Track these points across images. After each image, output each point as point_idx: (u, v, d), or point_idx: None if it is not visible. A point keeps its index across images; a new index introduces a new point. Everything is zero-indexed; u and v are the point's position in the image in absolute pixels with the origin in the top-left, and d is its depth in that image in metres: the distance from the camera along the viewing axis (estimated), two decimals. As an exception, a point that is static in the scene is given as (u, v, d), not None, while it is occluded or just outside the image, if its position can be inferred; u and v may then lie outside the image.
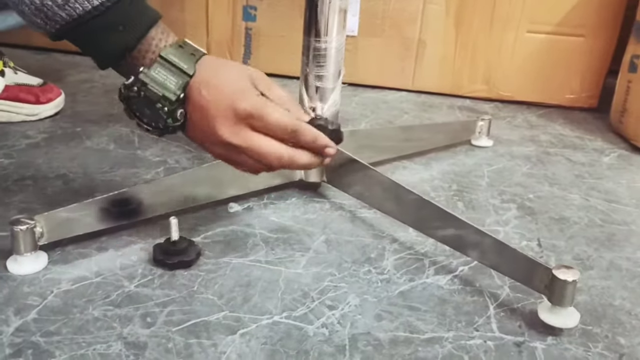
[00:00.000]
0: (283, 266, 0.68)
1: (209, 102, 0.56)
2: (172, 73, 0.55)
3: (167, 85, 0.55)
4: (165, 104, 0.56)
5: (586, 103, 1.31)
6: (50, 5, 0.53)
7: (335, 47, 0.78)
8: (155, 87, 0.55)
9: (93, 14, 0.53)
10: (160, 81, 0.55)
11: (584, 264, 0.73)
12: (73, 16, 0.53)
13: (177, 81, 0.55)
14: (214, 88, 0.56)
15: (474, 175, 0.96)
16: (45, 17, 0.54)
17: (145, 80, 0.55)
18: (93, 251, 0.68)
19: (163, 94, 0.55)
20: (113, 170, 0.88)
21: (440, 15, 1.29)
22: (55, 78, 1.23)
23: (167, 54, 0.56)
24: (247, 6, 1.37)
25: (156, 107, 0.56)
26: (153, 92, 0.55)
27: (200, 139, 0.59)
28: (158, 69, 0.55)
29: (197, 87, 0.56)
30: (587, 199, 0.90)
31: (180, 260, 0.66)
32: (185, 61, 0.56)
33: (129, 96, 0.57)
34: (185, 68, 0.56)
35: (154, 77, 0.55)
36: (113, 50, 0.56)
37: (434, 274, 0.69)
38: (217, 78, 0.57)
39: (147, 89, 0.55)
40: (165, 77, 0.55)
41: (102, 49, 0.56)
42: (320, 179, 0.86)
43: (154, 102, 0.56)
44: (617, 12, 1.23)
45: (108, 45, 0.55)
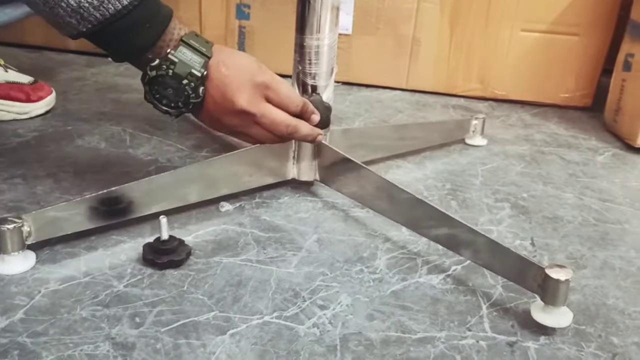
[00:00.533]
0: (274, 266, 0.67)
1: (230, 77, 0.63)
2: (195, 54, 0.62)
3: (193, 64, 0.62)
4: (191, 80, 0.61)
5: (581, 102, 1.31)
6: (87, 7, 0.57)
7: (327, 45, 0.77)
8: (183, 65, 0.61)
9: (122, 13, 0.58)
10: (186, 60, 0.61)
11: (578, 263, 0.72)
12: (106, 16, 0.58)
13: (199, 61, 0.62)
14: (232, 65, 0.63)
15: (467, 174, 0.95)
16: (81, 18, 0.58)
17: (173, 59, 0.61)
18: (82, 250, 0.67)
19: (190, 71, 0.61)
20: (104, 169, 0.87)
21: (435, 14, 1.28)
22: (47, 76, 1.22)
23: (188, 39, 0.62)
24: (240, 4, 1.36)
25: (182, 84, 0.61)
26: (182, 69, 0.61)
27: (217, 113, 0.65)
28: (183, 50, 0.61)
29: (216, 66, 0.63)
30: (581, 198, 0.90)
31: (170, 259, 0.65)
32: (203, 45, 0.63)
33: (156, 76, 0.61)
34: (204, 51, 0.62)
35: (180, 57, 0.61)
36: (140, 46, 0.61)
37: (426, 274, 0.68)
38: (233, 58, 0.64)
39: (176, 67, 0.61)
40: (190, 57, 0.61)
41: (127, 46, 0.61)
42: (313, 178, 0.85)
43: (181, 79, 0.61)
44: (612, 11, 1.22)
45: (134, 41, 0.60)
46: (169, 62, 0.61)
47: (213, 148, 0.97)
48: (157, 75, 0.61)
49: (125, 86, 1.23)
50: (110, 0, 0.57)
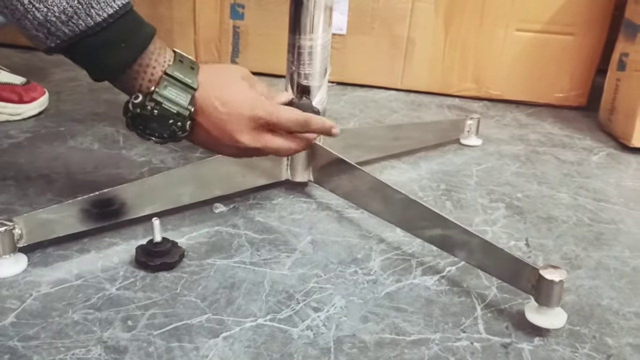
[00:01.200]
0: (268, 267, 0.67)
1: (228, 115, 0.60)
2: (181, 89, 0.58)
3: (179, 102, 0.58)
4: (178, 120, 0.58)
5: (575, 102, 1.31)
6: (54, 21, 0.53)
7: (321, 45, 0.77)
8: (169, 105, 0.58)
9: (95, 30, 0.54)
10: (173, 99, 0.58)
11: (572, 263, 0.72)
12: (75, 32, 0.54)
13: (186, 97, 0.58)
14: (229, 102, 0.60)
15: (462, 174, 0.95)
16: (48, 32, 0.54)
17: (159, 100, 0.57)
18: (74, 253, 0.67)
19: (177, 111, 0.58)
20: (97, 171, 0.87)
21: (430, 14, 1.28)
22: (40, 76, 1.22)
23: (173, 71, 0.58)
24: (234, 4, 1.36)
25: (169, 123, 0.59)
26: (167, 110, 0.58)
27: (213, 144, 0.63)
28: (168, 88, 0.58)
29: (209, 101, 0.59)
30: (576, 198, 0.90)
31: (163, 262, 0.64)
32: (188, 75, 0.59)
33: (139, 114, 0.58)
34: (190, 83, 0.59)
35: (166, 95, 0.58)
36: (113, 66, 0.57)
37: (421, 275, 0.68)
38: (227, 91, 0.61)
39: (161, 108, 0.58)
40: (176, 95, 0.58)
41: (101, 65, 0.57)
42: (307, 179, 0.85)
43: (167, 119, 0.58)
44: (606, 11, 1.22)
45: (109, 61, 0.56)
46: (153, 102, 0.57)
47: (207, 149, 0.96)
48: (140, 113, 0.58)
49: (119, 87, 1.23)
50: (81, 16, 0.53)
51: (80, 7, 0.53)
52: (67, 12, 0.53)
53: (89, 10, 0.53)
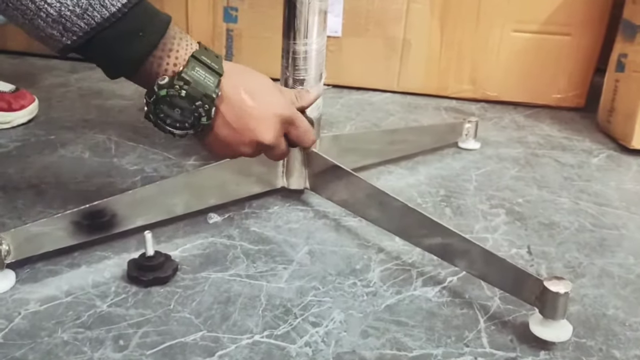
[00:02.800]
0: (264, 280, 0.65)
1: (256, 109, 0.59)
2: (207, 72, 0.56)
3: (207, 84, 0.56)
4: (206, 102, 0.56)
5: (573, 102, 1.29)
6: (69, 16, 0.50)
7: (315, 50, 0.75)
8: (198, 85, 0.55)
9: (111, 21, 0.51)
10: (201, 80, 0.55)
11: (576, 271, 0.71)
12: (92, 25, 0.51)
13: (213, 80, 0.56)
14: (258, 95, 0.59)
15: (461, 179, 0.93)
16: (63, 29, 0.51)
17: (188, 79, 0.55)
18: (64, 268, 0.65)
19: (205, 92, 0.55)
20: (88, 180, 0.84)
21: (425, 15, 1.26)
22: (29, 82, 1.19)
23: (199, 54, 0.56)
24: (227, 7, 1.34)
25: (195, 106, 0.56)
26: (197, 90, 0.55)
27: (231, 139, 0.59)
28: (197, 68, 0.55)
29: (234, 89, 0.58)
30: (577, 202, 0.88)
31: (156, 276, 0.62)
32: (215, 61, 0.57)
33: (166, 95, 0.55)
34: (217, 68, 0.57)
35: (194, 76, 0.55)
36: (133, 56, 0.54)
37: (421, 286, 0.66)
38: (254, 83, 0.60)
39: (190, 87, 0.55)
40: (204, 76, 0.56)
41: (121, 58, 0.54)
42: (303, 186, 0.83)
43: (194, 100, 0.55)
44: (604, 10, 1.21)
45: (128, 52, 0.53)
46: (182, 81, 0.54)
47: (201, 155, 0.94)
48: (167, 94, 0.55)
49: (110, 92, 1.20)
50: (95, 7, 0.50)
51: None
52: (81, 4, 0.50)
53: (103, 1, 0.51)
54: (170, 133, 0.57)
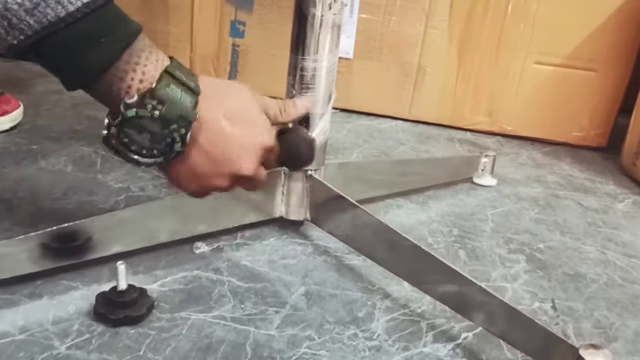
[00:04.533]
0: (252, 325, 0.57)
1: (236, 135, 0.52)
2: (184, 90, 0.48)
3: (184, 104, 0.48)
4: (182, 125, 0.48)
5: (595, 142, 1.22)
6: (16, 10, 0.42)
7: (326, 67, 0.67)
8: (174, 106, 0.47)
9: (67, 21, 0.43)
10: (177, 99, 0.47)
11: (607, 333, 0.62)
12: (43, 23, 0.43)
13: (190, 99, 0.48)
14: (240, 119, 0.52)
15: (477, 218, 0.85)
16: (9, 26, 0.43)
17: (162, 98, 0.47)
18: (22, 298, 0.57)
19: (181, 114, 0.48)
20: (66, 197, 0.76)
21: (443, 41, 1.19)
22: (19, 88, 1.12)
23: (173, 69, 0.48)
24: (235, 21, 1.27)
25: (170, 129, 0.48)
26: (172, 111, 0.47)
27: (205, 169, 0.52)
28: (172, 86, 0.47)
29: (214, 112, 0.50)
30: (604, 252, 0.80)
31: (127, 315, 0.54)
32: (191, 79, 0.49)
33: (135, 117, 0.47)
34: (193, 86, 0.49)
35: (170, 94, 0.47)
36: (92, 65, 0.46)
37: (432, 342, 0.57)
38: (236, 104, 0.53)
39: (165, 107, 0.47)
40: (180, 95, 0.48)
41: (77, 65, 0.46)
42: (304, 217, 0.75)
43: (169, 123, 0.47)
44: (632, 47, 1.14)
45: (86, 59, 0.45)
46: (155, 99, 0.46)
47: (194, 176, 0.86)
48: (136, 115, 0.46)
49: (105, 103, 1.13)
50: (49, 3, 0.42)
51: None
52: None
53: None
54: (135, 162, 0.49)
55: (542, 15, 1.15)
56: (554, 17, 1.15)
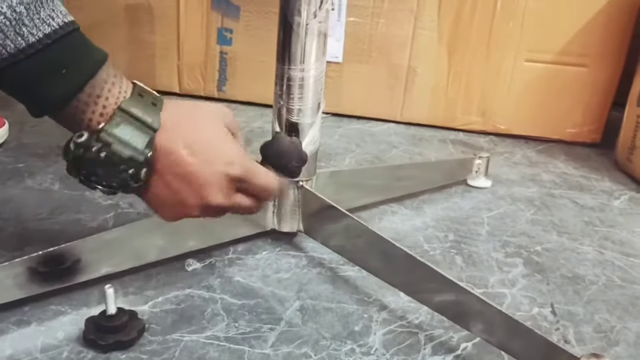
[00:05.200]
0: (247, 344, 0.55)
1: (195, 168, 0.49)
2: (137, 129, 0.47)
3: (134, 145, 0.46)
4: (131, 166, 0.47)
5: (589, 138, 1.21)
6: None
7: (313, 76, 0.66)
8: (121, 148, 0.46)
9: (28, 53, 0.43)
10: (126, 140, 0.46)
11: (608, 337, 0.61)
12: (2, 55, 0.42)
13: (144, 139, 0.47)
14: (200, 150, 0.49)
15: (472, 222, 0.84)
16: None
17: (108, 140, 0.46)
18: (10, 326, 0.55)
19: (130, 156, 0.46)
20: (53, 217, 0.75)
21: (432, 42, 1.18)
22: (4, 104, 1.10)
23: (129, 106, 0.47)
24: (222, 28, 1.26)
25: (119, 170, 0.47)
26: (118, 154, 0.46)
27: (170, 201, 0.50)
28: (122, 126, 0.46)
29: (173, 146, 0.48)
30: (602, 251, 0.79)
31: (117, 340, 0.53)
32: (149, 113, 0.47)
33: (82, 157, 0.46)
34: (149, 122, 0.47)
35: (117, 135, 0.46)
36: (52, 97, 0.45)
37: (431, 354, 0.56)
38: (196, 135, 0.49)
39: (110, 151, 0.46)
40: (130, 135, 0.46)
41: (38, 97, 0.45)
42: (296, 229, 0.74)
43: (116, 165, 0.46)
44: (623, 40, 1.13)
45: (46, 91, 0.45)
46: (100, 142, 0.45)
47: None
48: (83, 156, 0.46)
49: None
50: (9, 35, 0.42)
51: (7, 24, 0.42)
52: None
53: (20, 29, 0.42)
54: (100, 191, 0.49)
55: (531, 12, 1.14)
56: (544, 14, 1.14)
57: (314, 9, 0.64)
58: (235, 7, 1.23)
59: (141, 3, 1.26)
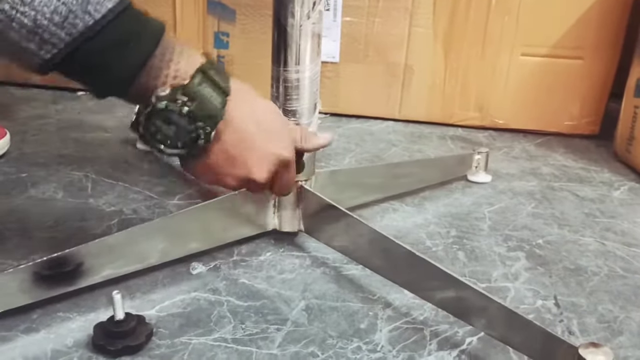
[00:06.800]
0: (254, 345, 0.56)
1: (257, 141, 0.53)
2: (215, 90, 0.50)
3: (213, 104, 0.49)
4: (208, 124, 0.49)
5: (587, 129, 1.21)
6: (47, 25, 0.43)
7: (309, 78, 0.67)
8: (203, 104, 0.49)
9: (95, 30, 0.44)
10: (207, 98, 0.49)
11: (612, 327, 0.62)
12: (74, 35, 0.44)
13: (220, 100, 0.50)
14: (265, 126, 0.53)
15: (473, 217, 0.85)
16: (41, 41, 0.43)
17: (193, 95, 0.48)
18: (19, 334, 0.56)
19: (209, 113, 0.49)
20: (57, 225, 0.75)
21: (428, 39, 1.19)
22: (5, 114, 1.11)
23: (207, 68, 0.49)
24: (218, 32, 1.26)
25: (196, 126, 0.49)
26: (201, 109, 0.49)
27: (222, 168, 0.53)
28: (203, 84, 0.49)
29: (241, 114, 0.52)
30: (603, 242, 0.79)
31: (126, 345, 0.53)
32: (223, 78, 0.51)
33: (165, 109, 0.48)
34: (224, 87, 0.50)
35: (201, 92, 0.49)
36: (125, 70, 0.47)
37: (436, 349, 0.57)
38: (263, 110, 0.54)
39: (194, 105, 0.48)
40: (210, 95, 0.49)
41: (110, 72, 0.47)
42: (297, 228, 0.74)
43: (196, 120, 0.49)
44: (618, 31, 1.14)
45: (119, 65, 0.46)
46: (187, 96, 0.48)
47: (187, 194, 0.85)
48: (166, 108, 0.48)
49: (91, 124, 1.12)
50: (77, 14, 0.43)
51: (74, 3, 0.43)
52: (59, 11, 0.43)
53: (86, 7, 0.43)
54: (158, 150, 0.50)
55: (526, 6, 1.14)
56: (538, 7, 1.14)
57: (307, 10, 0.64)
58: (231, 11, 1.24)
59: (137, 10, 1.27)
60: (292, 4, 0.64)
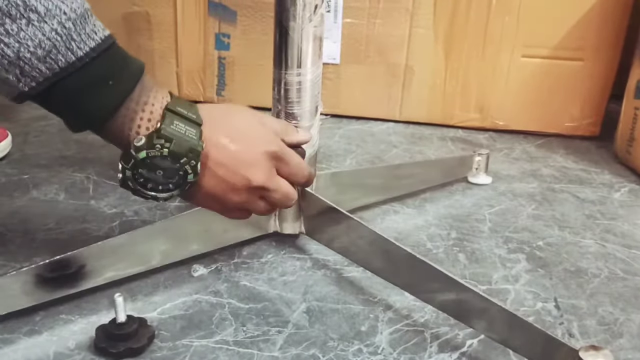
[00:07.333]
0: (256, 348, 0.56)
1: (240, 152, 0.53)
2: (187, 124, 0.50)
3: (190, 137, 0.50)
4: (191, 157, 0.50)
5: (587, 131, 1.21)
6: (28, 58, 0.43)
7: (310, 80, 0.67)
8: (181, 140, 0.49)
9: (77, 66, 0.45)
10: (182, 133, 0.50)
11: (612, 330, 0.62)
12: (54, 70, 0.44)
13: (195, 131, 0.50)
14: (239, 137, 0.54)
15: (474, 219, 0.85)
16: (20, 73, 0.44)
17: (169, 136, 0.49)
18: (22, 337, 0.56)
19: (189, 147, 0.50)
20: (59, 227, 0.76)
21: (429, 40, 1.19)
22: (5, 116, 1.12)
23: (174, 105, 0.50)
24: (219, 34, 1.27)
25: (181, 163, 0.50)
26: (180, 147, 0.49)
27: (221, 191, 0.54)
28: (175, 122, 0.49)
29: (216, 135, 0.52)
30: (603, 244, 0.80)
31: (128, 347, 0.54)
32: (192, 111, 0.51)
33: (144, 159, 0.49)
34: (194, 118, 0.51)
35: (175, 130, 0.49)
36: (102, 109, 0.47)
37: (437, 352, 0.57)
38: (234, 125, 0.55)
39: (172, 144, 0.49)
40: (185, 129, 0.50)
41: (87, 109, 0.47)
42: (298, 231, 0.75)
43: (179, 158, 0.49)
44: (618, 33, 1.14)
45: (95, 103, 0.47)
46: (163, 139, 0.48)
47: (187, 196, 0.86)
48: (147, 156, 0.48)
49: (94, 125, 1.12)
50: (60, 50, 0.43)
51: (59, 40, 0.43)
52: (43, 45, 0.43)
53: (70, 43, 0.44)
54: (153, 198, 0.51)
55: (526, 7, 1.14)
56: (539, 8, 1.14)
57: (309, 13, 0.64)
58: (232, 12, 1.24)
59: (139, 11, 1.27)
60: (293, 7, 0.64)
